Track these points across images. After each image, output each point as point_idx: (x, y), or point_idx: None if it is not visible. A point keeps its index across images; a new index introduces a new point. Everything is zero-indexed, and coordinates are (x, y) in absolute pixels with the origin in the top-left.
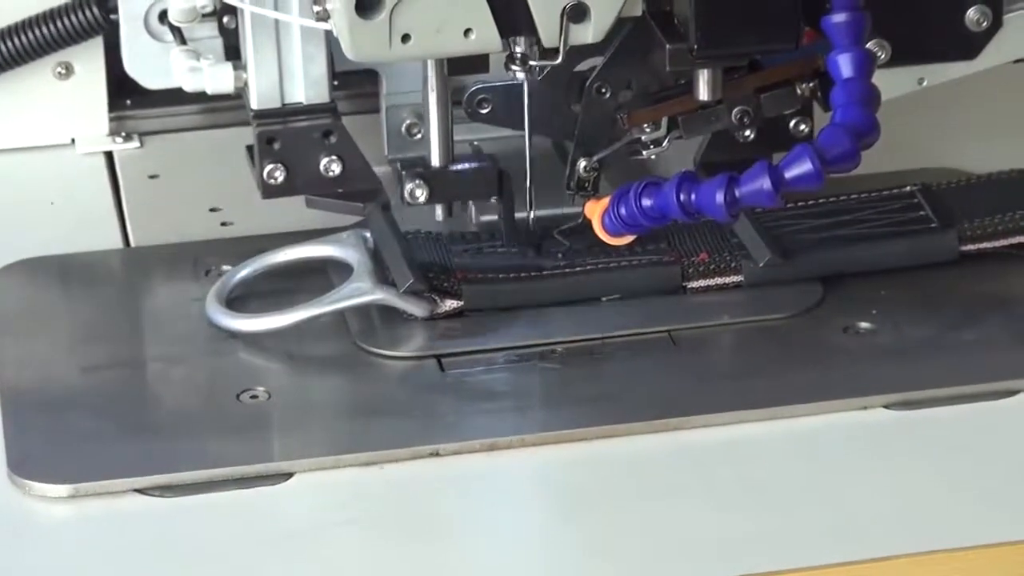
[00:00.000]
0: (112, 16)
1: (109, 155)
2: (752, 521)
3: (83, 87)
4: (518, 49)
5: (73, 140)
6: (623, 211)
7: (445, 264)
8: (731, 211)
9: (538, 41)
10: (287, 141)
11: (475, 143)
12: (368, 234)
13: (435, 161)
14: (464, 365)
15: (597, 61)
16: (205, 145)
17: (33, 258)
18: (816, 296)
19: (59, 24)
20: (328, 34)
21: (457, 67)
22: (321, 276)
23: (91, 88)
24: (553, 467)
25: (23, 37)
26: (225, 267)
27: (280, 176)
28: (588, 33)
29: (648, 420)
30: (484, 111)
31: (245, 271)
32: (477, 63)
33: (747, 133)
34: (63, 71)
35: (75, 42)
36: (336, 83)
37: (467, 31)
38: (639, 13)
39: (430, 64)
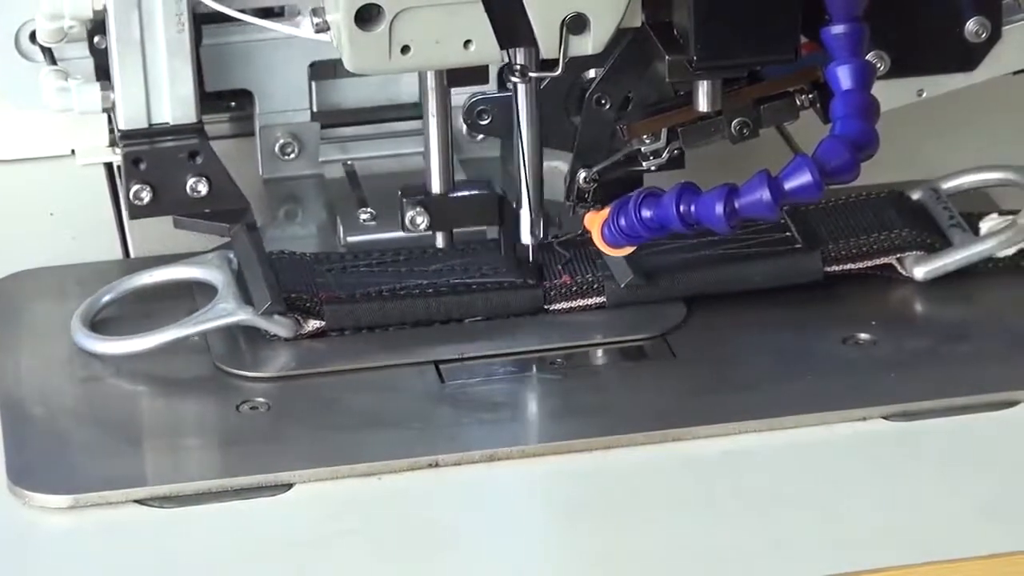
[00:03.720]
0: None
1: (109, 166)
2: (751, 532)
3: (82, 98)
4: (518, 60)
5: (73, 151)
6: (623, 222)
7: (308, 284)
8: (730, 222)
9: (537, 52)
10: (153, 162)
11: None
12: (231, 255)
13: (435, 188)
14: (463, 376)
15: (597, 72)
16: None
17: (33, 269)
18: (679, 317)
19: None
20: (195, 53)
21: (456, 79)
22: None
23: (90, 99)
24: (553, 478)
25: None
26: None
27: (147, 197)
28: (588, 44)
29: (647, 431)
30: (483, 122)
31: (111, 294)
32: (477, 74)
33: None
34: None
35: None
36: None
37: (467, 42)
38: (638, 24)
39: (430, 76)
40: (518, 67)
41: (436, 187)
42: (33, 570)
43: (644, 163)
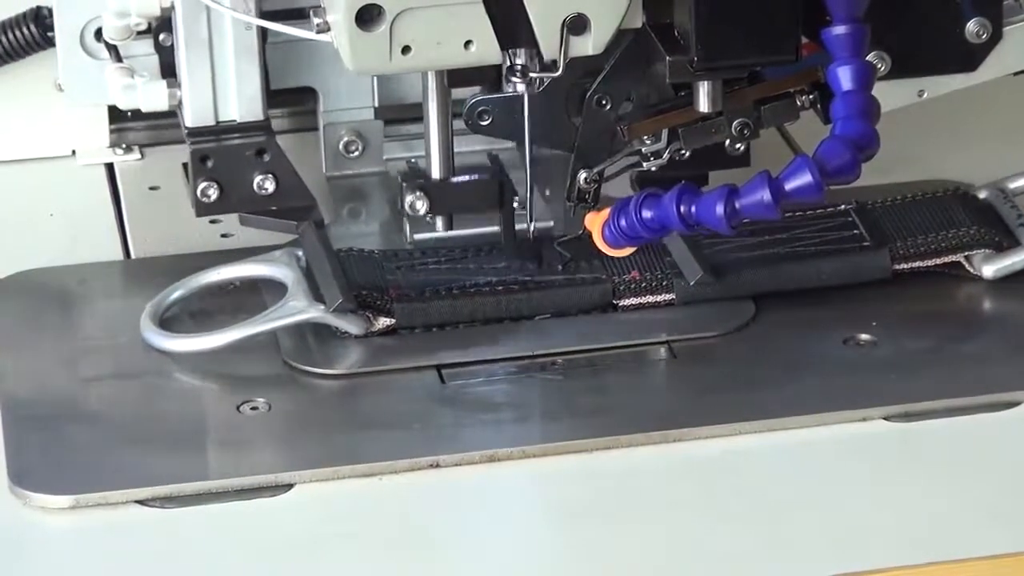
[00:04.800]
0: (49, 33)
1: (110, 167)
2: (751, 533)
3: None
4: (518, 61)
5: (74, 152)
6: (623, 223)
7: (378, 282)
8: (731, 223)
9: (538, 53)
10: (220, 159)
11: (493, 152)
12: (301, 252)
13: (435, 173)
14: (464, 376)
15: (598, 73)
16: None
17: (33, 269)
18: (748, 315)
19: None
20: (262, 52)
21: (457, 79)
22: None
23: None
24: (553, 478)
25: None
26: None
27: (214, 194)
28: (588, 45)
29: (648, 432)
30: (484, 123)
31: (179, 291)
32: (477, 75)
33: (682, 151)
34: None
35: (12, 60)
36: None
37: (467, 43)
38: (639, 25)
39: (430, 77)
40: (519, 68)
41: (436, 172)
42: (34, 570)
43: (645, 164)
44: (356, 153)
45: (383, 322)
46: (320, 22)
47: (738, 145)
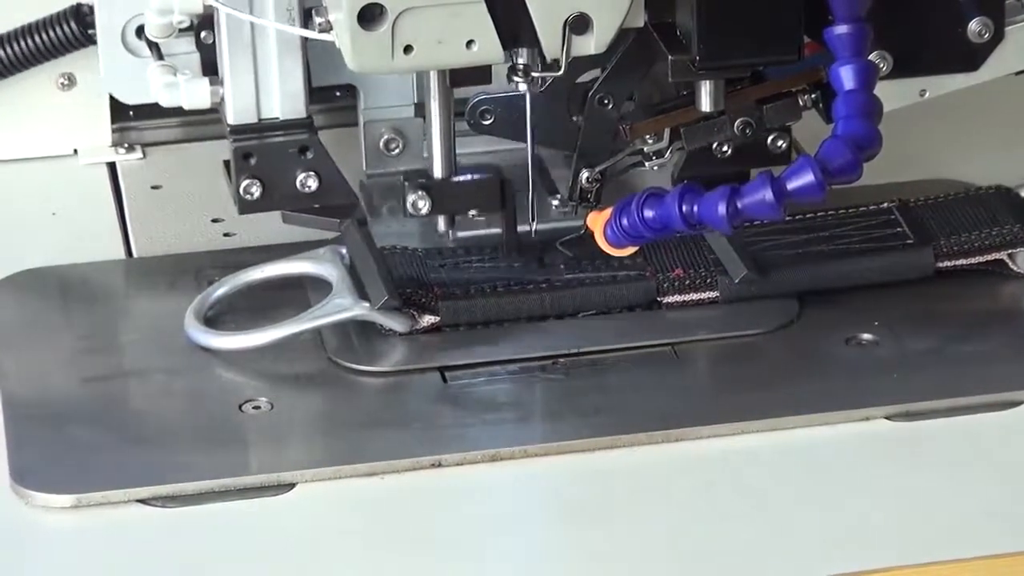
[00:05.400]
0: (90, 31)
1: (112, 166)
2: (752, 532)
3: (86, 98)
4: (520, 60)
5: (76, 151)
6: (625, 222)
7: (422, 279)
8: (733, 222)
9: (540, 52)
10: (263, 156)
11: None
12: (344, 250)
13: (437, 173)
14: (466, 376)
15: (599, 72)
16: (208, 156)
17: (35, 269)
18: (792, 312)
19: (37, 39)
20: (304, 49)
21: (459, 78)
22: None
23: (94, 99)
24: (555, 478)
25: (3, 51)
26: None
27: (256, 191)
28: (590, 44)
29: (650, 431)
30: (486, 122)
31: (223, 288)
32: (479, 74)
33: (724, 149)
34: (66, 82)
35: (54, 56)
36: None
37: (469, 42)
38: (641, 24)
39: (432, 75)
40: (521, 67)
41: (438, 172)
42: (35, 570)
43: (647, 163)
44: (396, 151)
45: (427, 320)
46: (322, 21)
47: (780, 143)
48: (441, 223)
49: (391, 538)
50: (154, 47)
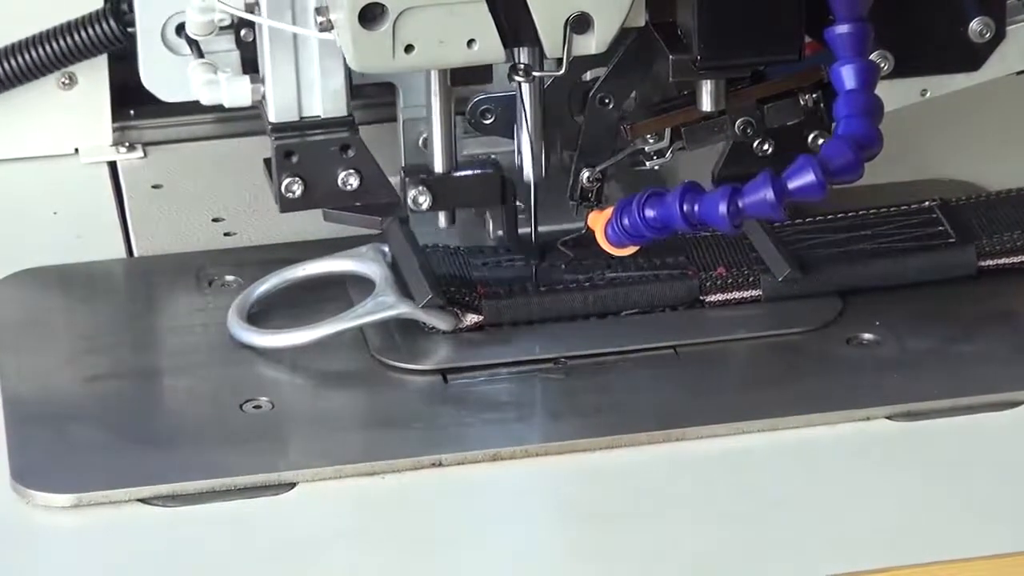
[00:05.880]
0: (129, 29)
1: (112, 165)
2: (753, 532)
3: (87, 97)
4: (521, 60)
5: (77, 150)
6: (626, 222)
7: (465, 278)
8: (734, 222)
9: (541, 52)
10: (305, 154)
11: (492, 156)
12: (387, 248)
13: (438, 168)
14: (467, 375)
15: (600, 72)
16: (208, 155)
17: (36, 268)
18: (835, 310)
19: (76, 37)
20: None
21: (460, 78)
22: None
23: (95, 98)
24: (555, 477)
25: (39, 50)
26: (228, 277)
27: (298, 190)
28: (591, 44)
29: (650, 431)
30: (487, 122)
31: (265, 286)
32: (480, 74)
33: (765, 147)
34: (67, 81)
35: (92, 55)
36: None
37: (470, 42)
38: (642, 24)
39: (433, 74)
40: (522, 66)
41: (439, 166)
42: (36, 569)
43: (648, 163)
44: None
45: (471, 319)
46: (323, 20)
47: (821, 141)
48: (442, 219)
49: (391, 538)
50: (194, 45)
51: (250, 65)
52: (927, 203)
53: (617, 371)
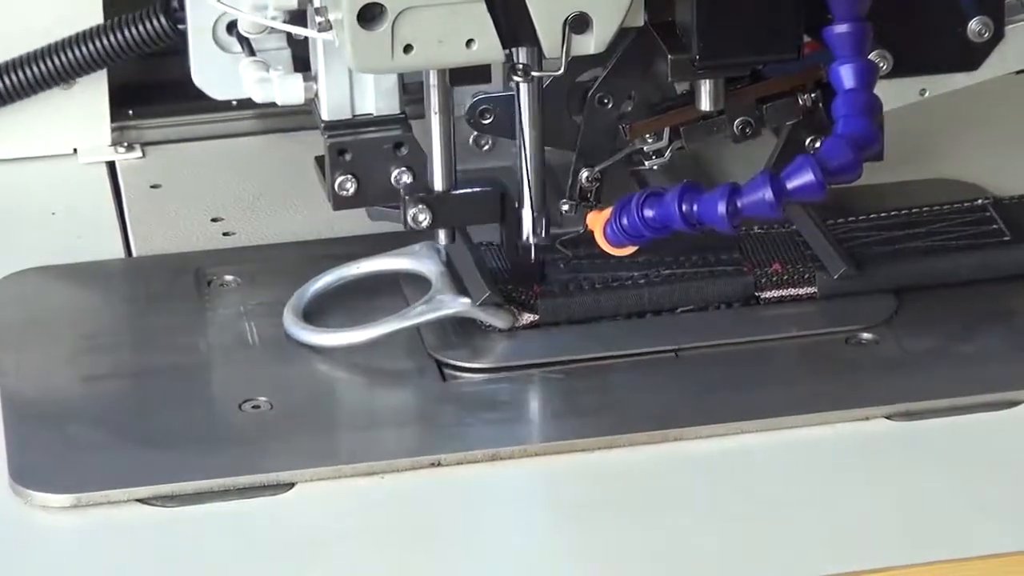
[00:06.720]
0: (180, 26)
1: (111, 165)
2: (752, 532)
3: (85, 97)
4: (520, 60)
5: (75, 150)
6: (625, 222)
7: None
8: (733, 221)
9: (540, 52)
10: (358, 152)
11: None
12: (440, 246)
13: (437, 186)
14: (467, 375)
15: (599, 72)
16: (207, 155)
17: (35, 268)
18: (891, 308)
19: (127, 34)
20: None
21: (459, 77)
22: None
23: (93, 98)
24: (555, 477)
25: (92, 45)
26: (227, 277)
27: (351, 188)
28: (590, 44)
29: (649, 431)
30: (486, 121)
31: (319, 284)
32: (479, 74)
33: (817, 144)
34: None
35: (141, 52)
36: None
37: (469, 41)
38: (641, 24)
39: (432, 78)
40: (520, 66)
41: (438, 184)
42: (35, 569)
43: (647, 163)
44: (487, 147)
45: (526, 317)
46: (322, 20)
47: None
48: (442, 236)
49: (391, 538)
50: (245, 43)
51: (300, 63)
52: (980, 201)
53: (616, 371)
